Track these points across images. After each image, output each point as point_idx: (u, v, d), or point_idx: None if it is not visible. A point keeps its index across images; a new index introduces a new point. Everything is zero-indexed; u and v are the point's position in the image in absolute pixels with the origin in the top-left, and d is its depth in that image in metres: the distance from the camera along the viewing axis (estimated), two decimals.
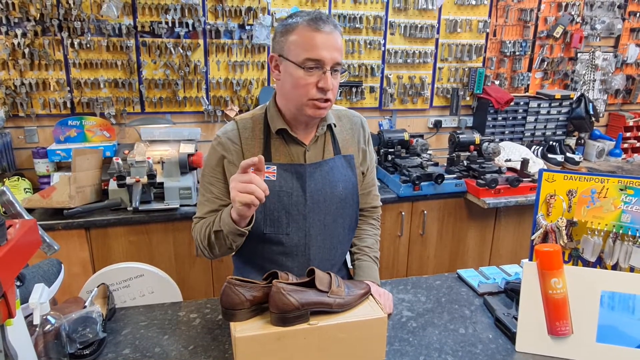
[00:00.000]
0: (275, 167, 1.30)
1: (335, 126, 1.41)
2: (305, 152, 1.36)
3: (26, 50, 2.52)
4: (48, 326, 1.09)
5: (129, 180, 2.24)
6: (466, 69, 3.25)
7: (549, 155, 3.23)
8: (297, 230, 1.35)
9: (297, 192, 1.33)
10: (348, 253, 1.57)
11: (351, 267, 1.54)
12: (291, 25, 1.24)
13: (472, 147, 2.87)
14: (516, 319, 1.28)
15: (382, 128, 3.16)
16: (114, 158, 2.30)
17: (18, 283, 0.97)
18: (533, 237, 1.32)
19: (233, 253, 1.50)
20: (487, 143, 2.86)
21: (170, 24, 2.68)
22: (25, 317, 1.03)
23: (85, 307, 1.28)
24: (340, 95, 3.06)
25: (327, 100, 1.25)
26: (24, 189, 2.47)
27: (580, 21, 3.37)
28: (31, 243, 0.95)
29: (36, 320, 1.04)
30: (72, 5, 2.52)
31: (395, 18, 3.03)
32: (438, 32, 3.13)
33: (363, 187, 1.51)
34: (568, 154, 3.26)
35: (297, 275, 1.32)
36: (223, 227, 1.24)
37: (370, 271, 1.46)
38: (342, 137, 1.43)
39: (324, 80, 1.21)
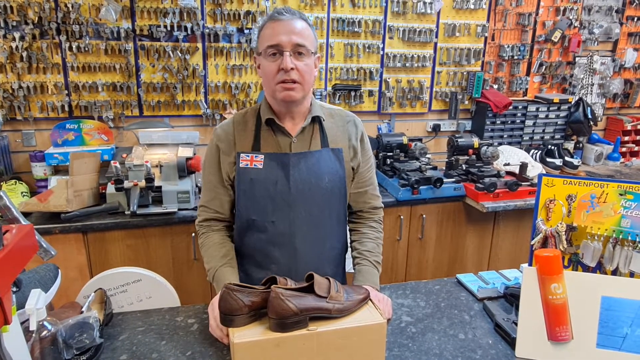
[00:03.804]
0: (262, 157, 1.39)
1: (324, 120, 1.45)
2: (292, 143, 1.41)
3: (24, 54, 2.52)
4: (44, 332, 1.08)
5: (126, 184, 2.23)
6: (465, 73, 3.25)
7: (548, 159, 3.24)
8: (282, 218, 1.40)
9: (281, 181, 1.39)
10: (349, 258, 1.57)
11: (352, 271, 1.53)
12: (260, 25, 1.38)
13: (470, 151, 2.87)
14: (516, 324, 1.28)
15: (380, 132, 3.16)
16: (111, 162, 2.29)
17: (14, 289, 0.96)
18: (533, 242, 1.32)
19: None
20: (485, 147, 2.86)
21: (168, 28, 2.68)
22: (22, 323, 1.02)
23: (82, 312, 1.27)
24: (339, 99, 3.06)
25: (294, 82, 1.32)
26: (21, 192, 2.46)
27: (578, 25, 3.38)
28: (28, 248, 0.94)
29: (32, 326, 1.03)
30: (70, 8, 2.52)
31: (394, 22, 3.04)
32: (437, 36, 3.13)
33: (357, 185, 1.53)
34: (566, 158, 3.27)
35: (284, 267, 1.41)
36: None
37: (370, 276, 1.45)
38: (333, 133, 1.46)
39: (283, 61, 1.29)
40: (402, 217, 2.64)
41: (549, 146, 3.32)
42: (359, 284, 1.41)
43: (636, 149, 3.62)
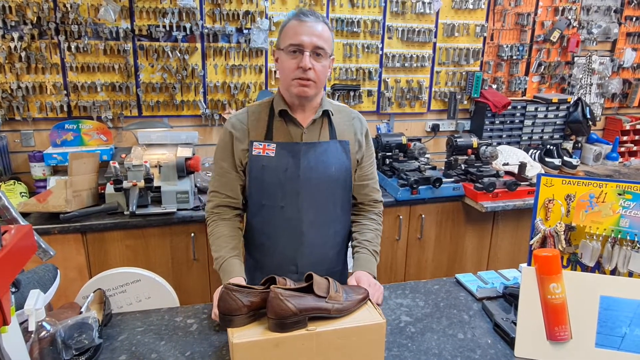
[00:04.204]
0: (275, 145, 1.47)
1: (332, 114, 1.53)
2: (303, 133, 1.48)
3: (23, 54, 2.51)
4: (43, 332, 1.08)
5: (125, 184, 2.23)
6: (464, 73, 3.25)
7: (547, 159, 3.24)
8: (291, 204, 1.48)
9: (291, 169, 1.46)
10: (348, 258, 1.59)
11: (351, 260, 1.57)
12: (285, 23, 1.45)
13: (469, 150, 2.87)
14: (515, 324, 1.28)
15: (379, 132, 3.16)
16: (110, 162, 2.29)
17: (13, 289, 0.96)
18: (531, 242, 1.32)
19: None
20: (484, 147, 2.85)
21: (167, 28, 2.67)
22: (21, 324, 1.02)
23: (81, 312, 1.27)
24: (338, 99, 3.06)
25: (309, 79, 1.39)
26: (20, 193, 2.46)
27: (577, 25, 3.38)
28: (26, 249, 0.94)
29: (31, 327, 1.03)
30: (69, 8, 2.51)
31: (393, 22, 3.04)
32: (435, 36, 3.13)
33: (360, 178, 1.60)
34: (565, 158, 3.27)
35: (290, 250, 1.50)
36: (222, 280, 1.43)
37: (367, 263, 1.50)
38: (340, 127, 1.55)
39: (303, 60, 1.37)
40: (401, 217, 2.64)
41: (548, 146, 3.32)
42: (357, 270, 1.46)
43: (635, 148, 3.62)
